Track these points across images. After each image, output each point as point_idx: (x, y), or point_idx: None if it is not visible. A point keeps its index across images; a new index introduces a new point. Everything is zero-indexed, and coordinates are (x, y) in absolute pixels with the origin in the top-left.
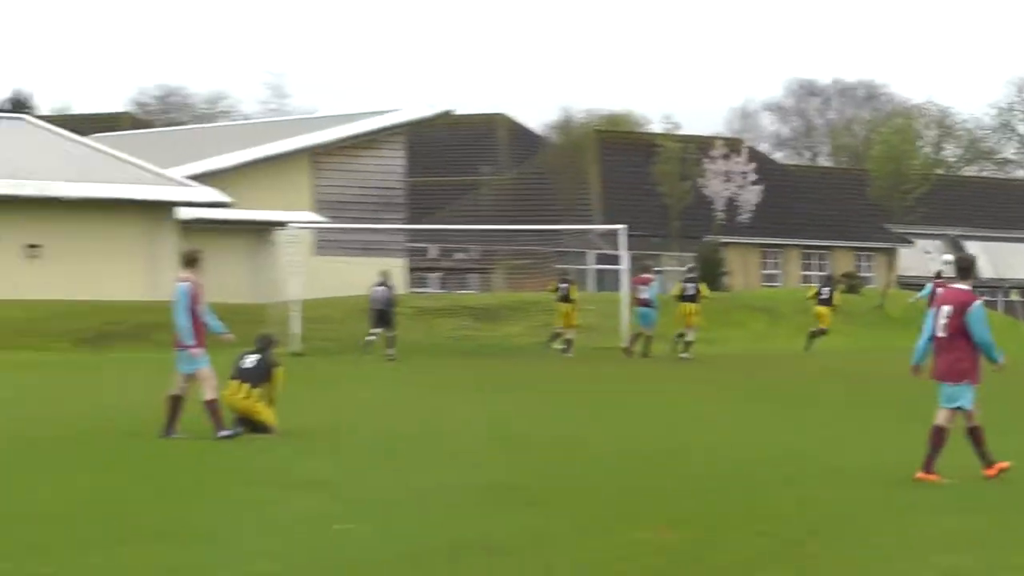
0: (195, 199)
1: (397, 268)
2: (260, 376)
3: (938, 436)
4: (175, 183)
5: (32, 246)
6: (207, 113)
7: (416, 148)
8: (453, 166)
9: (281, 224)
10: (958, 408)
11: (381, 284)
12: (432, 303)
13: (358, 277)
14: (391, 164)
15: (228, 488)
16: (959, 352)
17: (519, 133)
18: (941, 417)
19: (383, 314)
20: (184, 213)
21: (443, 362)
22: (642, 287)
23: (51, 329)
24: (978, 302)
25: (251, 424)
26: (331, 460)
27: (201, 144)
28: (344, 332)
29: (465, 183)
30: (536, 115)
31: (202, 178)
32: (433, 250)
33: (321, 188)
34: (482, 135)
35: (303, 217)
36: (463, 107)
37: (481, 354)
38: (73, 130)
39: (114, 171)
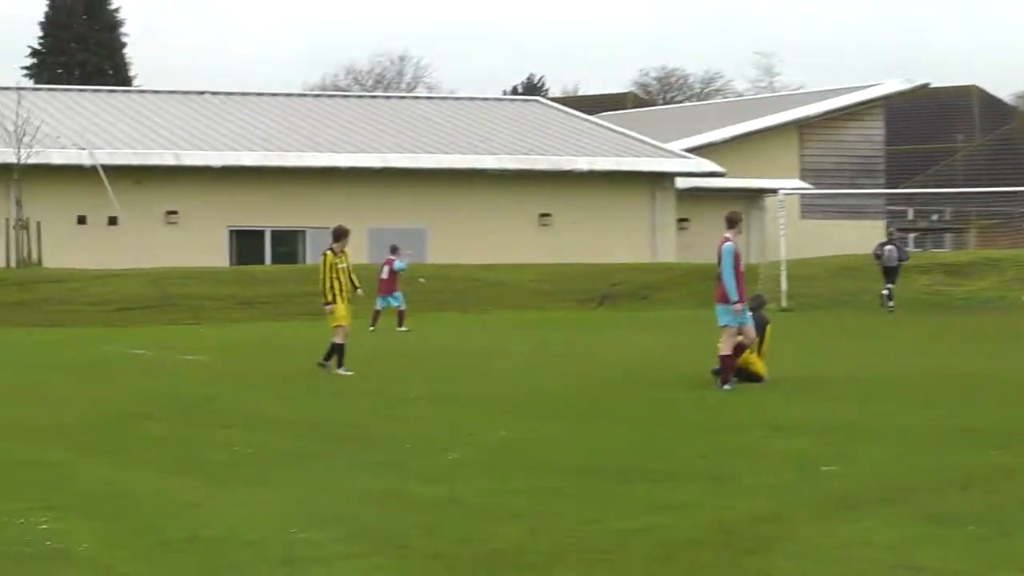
0: (692, 170)
1: (878, 230)
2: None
3: None
4: (674, 155)
5: (544, 215)
6: (702, 92)
7: (894, 118)
8: (928, 135)
9: (771, 191)
10: None
11: (889, 243)
12: (910, 261)
13: (840, 239)
14: (871, 134)
15: (727, 432)
16: None
17: (991, 103)
18: None
19: (892, 270)
20: (681, 183)
21: (917, 315)
22: None
23: (559, 290)
24: None
25: (745, 374)
26: (816, 405)
27: (697, 120)
28: (827, 289)
29: (940, 150)
30: (1007, 86)
31: (698, 151)
32: (910, 212)
33: (807, 157)
34: (956, 105)
35: (790, 184)
36: (938, 80)
37: (952, 307)
38: (581, 110)
39: (619, 146)
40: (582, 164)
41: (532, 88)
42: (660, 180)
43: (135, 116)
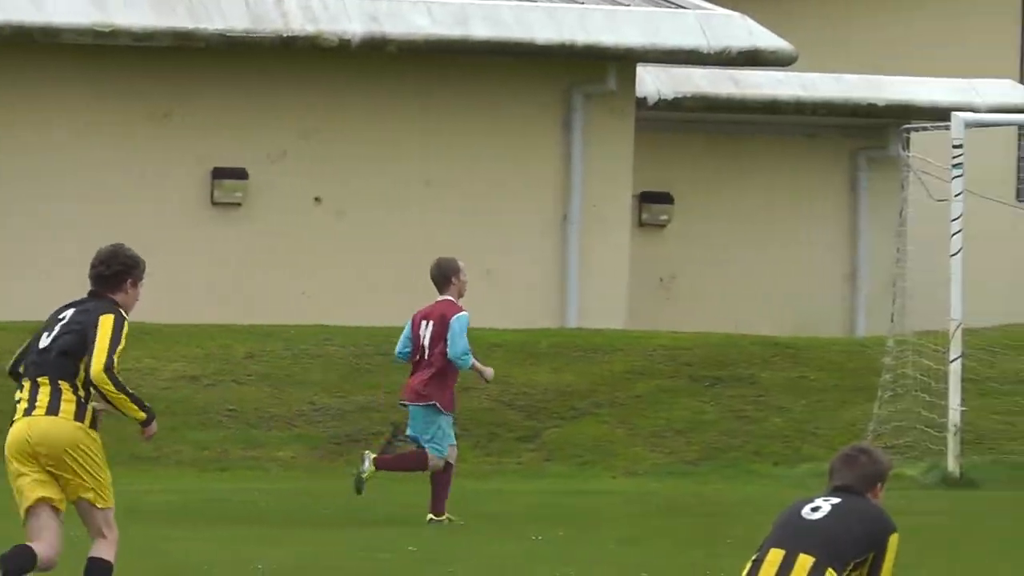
0: (693, 44)
1: None
2: None
3: None
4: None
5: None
6: None
7: None
8: None
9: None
10: None
11: None
12: None
13: None
14: None
15: None
16: None
17: None
18: None
19: None
20: (667, 84)
21: None
22: None
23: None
24: None
25: None
26: None
27: None
28: None
29: None
30: None
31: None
32: None
33: None
34: None
35: (991, 94)
36: None
37: None
38: None
39: None
40: (353, 25)
41: None
42: (594, 74)
43: None
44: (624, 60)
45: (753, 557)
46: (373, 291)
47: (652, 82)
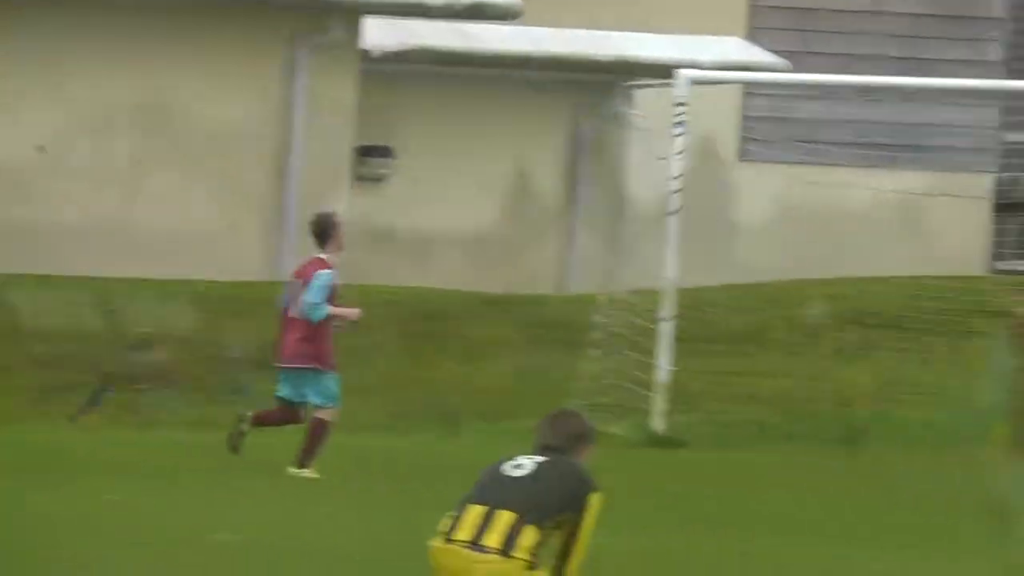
0: None
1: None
2: None
3: None
4: None
5: None
6: None
7: None
8: None
9: (652, 73)
10: None
11: None
12: None
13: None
14: None
15: None
16: None
17: None
18: None
19: None
20: (382, 34)
21: None
22: None
23: None
24: None
25: None
26: None
27: None
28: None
29: None
30: None
31: None
32: None
33: None
34: None
35: (715, 49)
36: None
37: None
38: None
39: None
40: None
41: None
42: (319, 25)
43: None
44: (350, 11)
45: (453, 513)
46: (90, 241)
47: (377, 34)
